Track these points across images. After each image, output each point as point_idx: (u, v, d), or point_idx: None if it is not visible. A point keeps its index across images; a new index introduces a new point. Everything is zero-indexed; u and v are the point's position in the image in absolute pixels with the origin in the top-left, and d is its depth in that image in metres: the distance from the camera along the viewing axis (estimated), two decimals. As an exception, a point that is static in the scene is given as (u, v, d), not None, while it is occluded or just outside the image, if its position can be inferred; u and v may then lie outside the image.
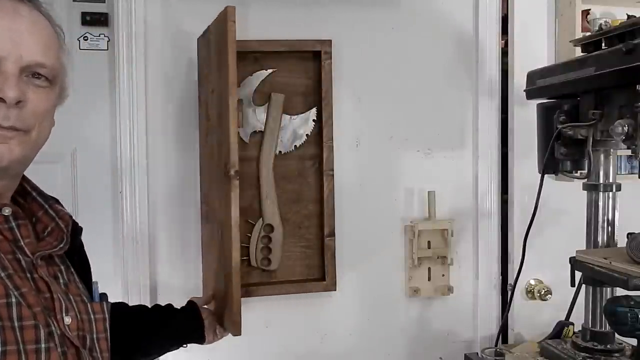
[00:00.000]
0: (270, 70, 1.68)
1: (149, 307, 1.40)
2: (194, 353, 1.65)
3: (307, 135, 1.70)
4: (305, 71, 1.70)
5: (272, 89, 1.68)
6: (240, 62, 1.65)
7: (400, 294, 1.78)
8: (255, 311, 1.69)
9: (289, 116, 1.69)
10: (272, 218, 1.68)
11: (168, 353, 1.38)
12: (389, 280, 1.77)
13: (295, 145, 1.70)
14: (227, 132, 1.29)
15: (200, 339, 1.37)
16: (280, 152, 1.69)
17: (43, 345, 0.80)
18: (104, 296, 0.98)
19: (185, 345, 1.35)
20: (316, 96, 1.70)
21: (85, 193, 1.72)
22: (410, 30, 1.75)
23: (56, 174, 1.63)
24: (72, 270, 0.95)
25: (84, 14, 1.69)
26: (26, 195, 0.93)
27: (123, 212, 1.62)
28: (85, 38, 1.70)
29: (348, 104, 1.73)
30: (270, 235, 1.68)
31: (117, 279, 1.62)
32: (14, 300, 0.79)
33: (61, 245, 0.92)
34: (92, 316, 0.92)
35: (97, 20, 1.69)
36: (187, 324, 1.35)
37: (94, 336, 0.91)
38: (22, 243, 0.86)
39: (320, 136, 1.69)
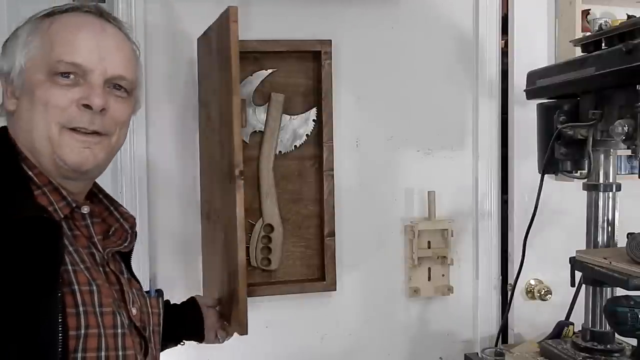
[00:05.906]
0: (270, 70, 1.68)
1: None
2: (194, 353, 1.65)
3: (307, 135, 1.70)
4: (305, 71, 1.70)
5: (272, 89, 1.68)
6: (240, 62, 1.65)
7: (400, 294, 1.78)
8: (255, 311, 1.68)
9: (289, 116, 1.69)
10: (272, 218, 1.68)
11: (168, 353, 1.37)
12: (388, 281, 1.77)
13: (295, 145, 1.70)
14: (231, 132, 1.29)
15: (199, 336, 1.35)
16: (280, 152, 1.69)
17: (120, 331, 0.90)
18: (160, 292, 1.04)
19: (182, 343, 1.33)
20: (316, 96, 1.70)
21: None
22: (410, 30, 1.75)
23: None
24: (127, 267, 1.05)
25: (84, 14, 1.69)
26: (92, 197, 1.02)
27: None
28: (86, 38, 1.69)
29: (348, 104, 1.73)
30: (270, 235, 1.68)
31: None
32: (95, 288, 0.88)
33: (125, 244, 1.01)
34: (149, 310, 1.03)
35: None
36: (186, 318, 1.33)
37: (151, 329, 1.00)
38: (95, 239, 0.95)
39: (320, 136, 1.69)
